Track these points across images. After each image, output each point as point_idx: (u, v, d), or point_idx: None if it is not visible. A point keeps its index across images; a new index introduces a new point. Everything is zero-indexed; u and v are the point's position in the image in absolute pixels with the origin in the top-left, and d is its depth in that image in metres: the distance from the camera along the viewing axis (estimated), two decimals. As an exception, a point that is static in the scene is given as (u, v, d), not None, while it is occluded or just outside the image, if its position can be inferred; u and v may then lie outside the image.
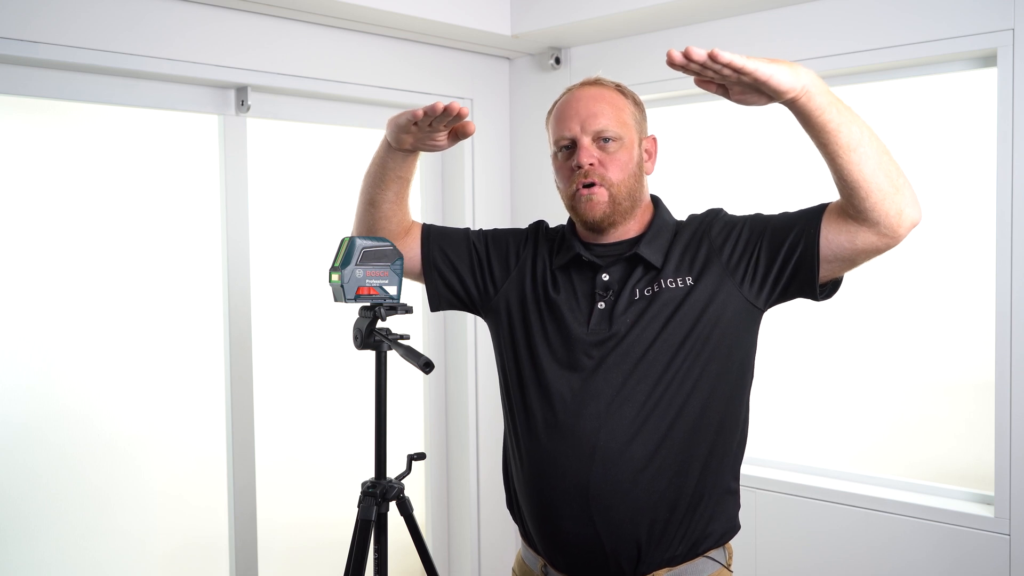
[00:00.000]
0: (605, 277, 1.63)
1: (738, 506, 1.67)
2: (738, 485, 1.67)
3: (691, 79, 1.36)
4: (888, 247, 1.45)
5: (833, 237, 1.48)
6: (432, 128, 1.57)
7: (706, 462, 1.57)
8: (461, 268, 1.75)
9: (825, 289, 1.55)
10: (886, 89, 2.60)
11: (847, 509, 2.55)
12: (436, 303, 1.79)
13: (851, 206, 1.43)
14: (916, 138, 2.58)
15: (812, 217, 1.51)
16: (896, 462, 2.64)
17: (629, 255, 1.62)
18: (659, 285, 1.58)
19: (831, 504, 2.57)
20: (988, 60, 2.34)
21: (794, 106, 1.36)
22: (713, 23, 2.76)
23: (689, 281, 1.58)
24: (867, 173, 1.38)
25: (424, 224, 1.79)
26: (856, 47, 2.49)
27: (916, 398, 2.62)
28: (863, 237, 1.45)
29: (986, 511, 2.35)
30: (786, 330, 2.76)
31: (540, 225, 1.80)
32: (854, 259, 1.49)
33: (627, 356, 1.56)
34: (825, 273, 1.51)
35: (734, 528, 1.65)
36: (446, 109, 1.50)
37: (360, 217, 1.74)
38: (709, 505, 1.58)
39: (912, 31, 2.40)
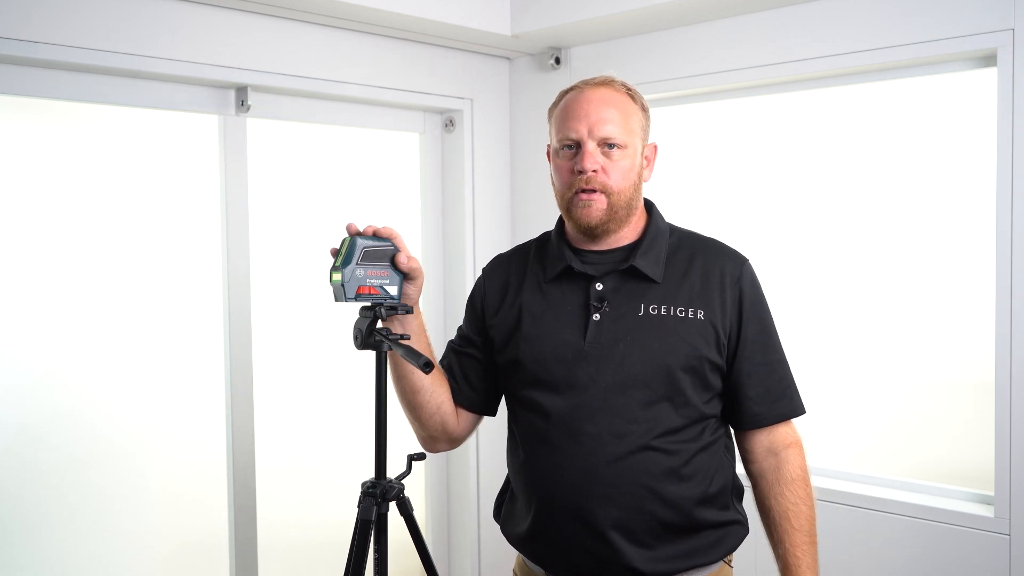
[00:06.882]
0: (599, 287, 1.61)
1: (742, 532, 1.68)
2: (742, 513, 1.69)
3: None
4: None
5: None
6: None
7: (706, 489, 1.58)
8: (486, 363, 1.76)
9: None
10: (886, 89, 2.60)
11: (847, 509, 2.55)
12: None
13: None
14: (916, 138, 2.58)
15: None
16: (896, 462, 2.64)
17: (625, 268, 1.60)
18: (669, 311, 1.58)
19: (831, 504, 2.56)
20: (988, 60, 2.34)
21: None
22: (713, 23, 2.75)
23: (700, 315, 1.58)
24: None
25: (450, 382, 1.77)
26: (856, 47, 2.49)
27: (916, 398, 2.62)
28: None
29: (986, 511, 2.35)
30: (786, 330, 2.76)
31: (488, 265, 1.81)
32: None
33: (625, 371, 1.55)
34: None
35: (734, 547, 1.67)
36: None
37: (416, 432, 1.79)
38: (705, 527, 1.59)
39: (912, 31, 2.40)
